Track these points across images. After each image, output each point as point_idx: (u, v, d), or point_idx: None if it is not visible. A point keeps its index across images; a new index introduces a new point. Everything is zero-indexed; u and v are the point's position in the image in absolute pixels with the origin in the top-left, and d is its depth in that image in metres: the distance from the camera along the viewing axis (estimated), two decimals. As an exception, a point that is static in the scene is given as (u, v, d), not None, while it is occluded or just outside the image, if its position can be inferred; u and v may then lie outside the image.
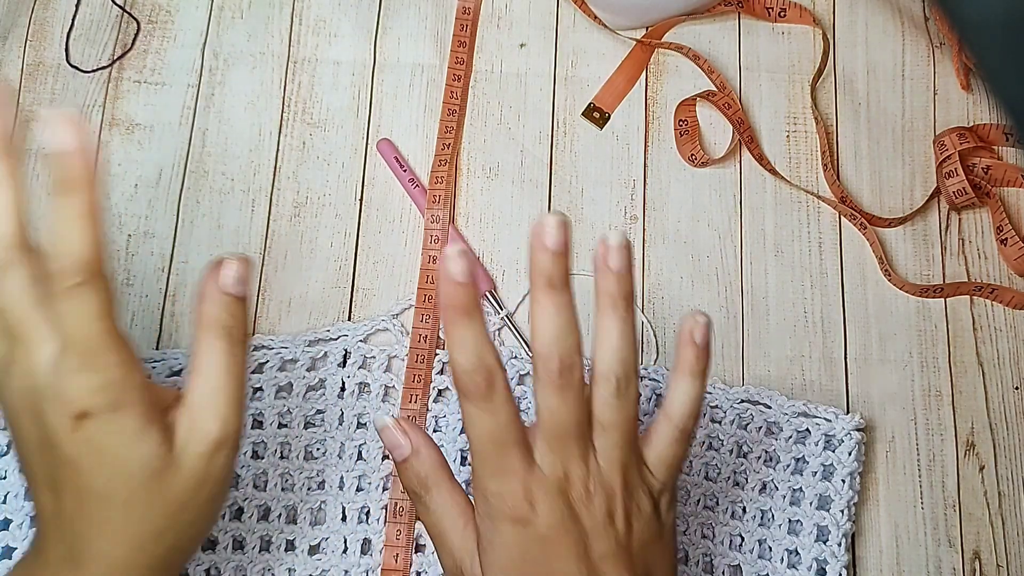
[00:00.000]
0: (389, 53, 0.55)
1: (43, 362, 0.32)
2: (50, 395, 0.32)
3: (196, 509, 0.34)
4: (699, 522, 0.46)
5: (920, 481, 0.49)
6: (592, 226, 0.52)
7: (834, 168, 0.53)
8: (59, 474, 0.33)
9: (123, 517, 0.33)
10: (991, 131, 0.54)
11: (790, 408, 0.47)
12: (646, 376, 0.48)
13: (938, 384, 0.50)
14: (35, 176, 0.52)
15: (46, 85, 0.53)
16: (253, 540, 0.45)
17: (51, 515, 0.34)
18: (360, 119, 0.54)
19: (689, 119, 0.54)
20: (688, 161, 0.53)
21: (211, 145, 0.53)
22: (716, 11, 0.56)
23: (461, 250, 0.33)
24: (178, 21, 0.55)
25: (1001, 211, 0.52)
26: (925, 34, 0.57)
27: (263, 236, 0.51)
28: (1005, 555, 0.48)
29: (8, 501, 0.44)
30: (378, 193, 0.52)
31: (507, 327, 0.49)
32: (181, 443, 0.33)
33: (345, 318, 0.50)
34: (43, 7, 0.55)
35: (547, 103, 0.54)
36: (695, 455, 0.47)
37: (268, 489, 0.46)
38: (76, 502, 0.33)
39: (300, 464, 0.46)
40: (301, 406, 0.47)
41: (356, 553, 0.45)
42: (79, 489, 0.33)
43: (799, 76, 0.55)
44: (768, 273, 0.52)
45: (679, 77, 0.55)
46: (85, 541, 0.33)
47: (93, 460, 0.32)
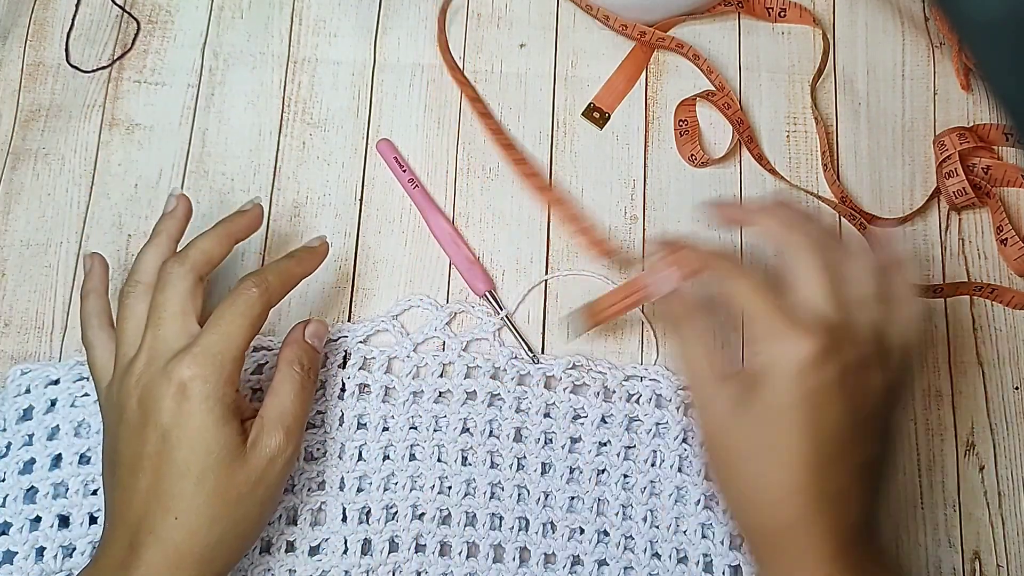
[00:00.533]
0: (389, 53, 0.55)
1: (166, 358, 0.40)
2: (162, 377, 0.39)
3: (250, 505, 0.40)
4: (699, 522, 0.46)
5: (920, 481, 0.49)
6: (592, 226, 0.52)
7: (834, 168, 0.53)
8: (146, 451, 0.39)
9: (192, 491, 0.39)
10: (991, 131, 0.54)
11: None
12: (646, 376, 0.48)
13: (938, 384, 0.50)
14: (35, 176, 0.52)
15: (46, 85, 0.53)
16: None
17: (123, 502, 0.39)
18: (360, 119, 0.54)
19: (689, 119, 0.54)
20: (688, 161, 0.53)
21: (211, 145, 0.53)
22: (716, 11, 0.56)
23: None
24: (178, 21, 0.55)
25: (1001, 211, 0.52)
26: (925, 34, 0.57)
27: (263, 236, 0.51)
28: (1005, 555, 0.48)
29: (7, 504, 0.44)
30: (378, 193, 0.52)
31: (507, 327, 0.49)
32: (251, 443, 0.40)
33: (345, 318, 0.50)
34: (43, 7, 0.55)
35: (547, 103, 0.54)
36: (695, 455, 0.47)
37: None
38: (154, 478, 0.39)
39: (300, 465, 0.46)
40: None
41: (356, 554, 0.45)
42: (161, 463, 0.39)
43: (799, 76, 0.55)
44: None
45: (679, 77, 0.55)
46: (149, 521, 0.38)
47: (182, 432, 0.39)
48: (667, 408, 0.48)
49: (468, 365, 0.48)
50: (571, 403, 0.48)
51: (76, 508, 0.45)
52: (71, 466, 0.45)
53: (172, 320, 0.41)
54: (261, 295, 0.41)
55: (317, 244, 0.45)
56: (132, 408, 0.40)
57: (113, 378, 0.41)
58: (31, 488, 0.45)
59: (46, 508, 0.44)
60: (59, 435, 0.45)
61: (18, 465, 0.45)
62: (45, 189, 0.51)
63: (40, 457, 0.45)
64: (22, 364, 0.47)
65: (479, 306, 0.50)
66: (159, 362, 0.40)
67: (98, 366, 0.43)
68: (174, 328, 0.41)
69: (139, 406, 0.39)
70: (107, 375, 0.42)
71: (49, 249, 0.50)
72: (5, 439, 0.45)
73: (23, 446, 0.45)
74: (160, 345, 0.40)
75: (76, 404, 0.46)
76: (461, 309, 0.50)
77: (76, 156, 0.52)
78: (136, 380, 0.40)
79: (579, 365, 0.48)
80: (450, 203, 0.52)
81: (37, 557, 0.44)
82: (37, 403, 0.46)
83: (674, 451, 0.47)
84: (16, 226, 0.51)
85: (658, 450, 0.47)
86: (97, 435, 0.45)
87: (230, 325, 0.40)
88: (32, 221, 0.51)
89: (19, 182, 0.51)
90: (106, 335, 0.43)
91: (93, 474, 0.45)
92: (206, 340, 0.40)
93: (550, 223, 0.52)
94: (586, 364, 0.49)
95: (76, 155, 0.52)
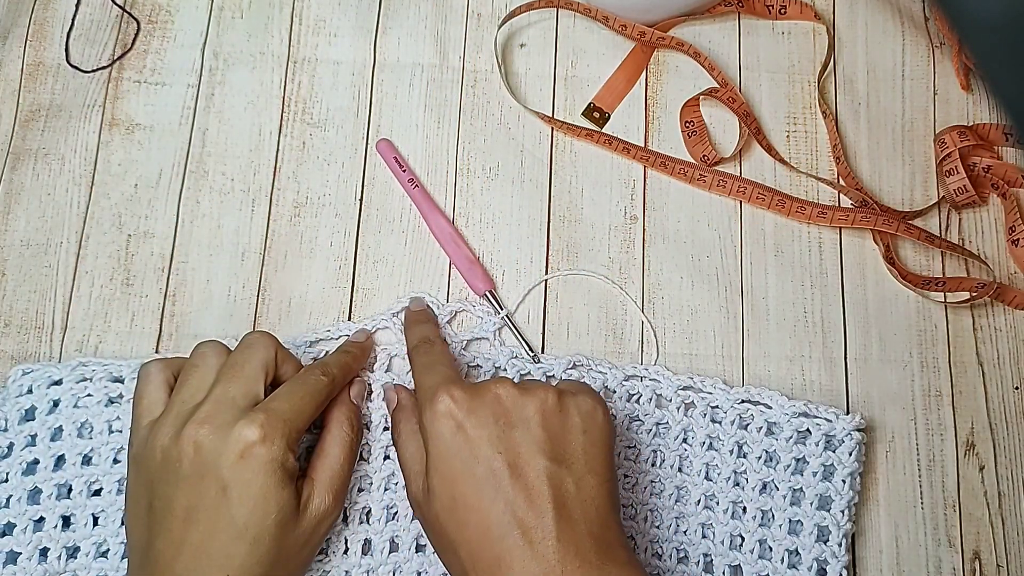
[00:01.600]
0: (389, 53, 0.55)
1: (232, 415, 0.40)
2: (229, 433, 0.39)
3: (295, 565, 0.41)
4: (699, 522, 0.46)
5: (920, 481, 0.49)
6: (592, 226, 0.52)
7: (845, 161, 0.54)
8: (203, 503, 0.39)
9: (247, 552, 0.39)
10: (991, 131, 0.54)
11: (790, 408, 0.47)
12: (646, 376, 0.48)
13: (938, 384, 0.50)
14: (35, 176, 0.52)
15: (46, 85, 0.53)
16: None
17: (169, 551, 0.39)
18: (360, 119, 0.54)
19: (695, 119, 0.54)
20: (701, 161, 0.53)
21: (211, 145, 0.53)
22: (716, 11, 0.56)
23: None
24: (178, 21, 0.55)
25: (1015, 211, 0.52)
26: (925, 34, 0.57)
27: (263, 236, 0.51)
28: (1005, 555, 0.48)
29: (11, 505, 0.44)
30: (378, 193, 0.52)
31: (507, 326, 0.49)
32: (302, 506, 0.41)
33: (345, 318, 0.50)
34: (43, 7, 0.55)
35: (547, 103, 0.54)
36: (695, 455, 0.47)
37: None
38: (209, 532, 0.39)
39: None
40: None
41: (357, 554, 0.45)
42: (219, 518, 0.39)
43: (799, 76, 0.55)
44: (768, 273, 0.52)
45: (679, 77, 0.55)
46: (198, 575, 0.38)
47: (243, 492, 0.39)
48: (667, 408, 0.48)
49: (469, 364, 0.48)
50: (571, 403, 0.48)
51: (80, 509, 0.45)
52: (74, 467, 0.45)
53: (246, 381, 0.41)
54: (328, 384, 0.43)
55: (364, 339, 0.48)
56: (189, 456, 0.39)
57: (165, 417, 0.41)
58: (35, 489, 0.45)
59: (50, 509, 0.44)
60: (62, 436, 0.45)
61: (22, 466, 0.45)
62: (45, 189, 0.51)
63: (44, 458, 0.45)
64: (23, 364, 0.47)
65: (479, 306, 0.50)
66: (224, 416, 0.40)
67: (148, 400, 0.42)
68: (244, 389, 0.41)
69: (197, 455, 0.39)
70: (155, 411, 0.42)
71: (49, 249, 0.50)
72: (7, 439, 0.45)
73: (26, 447, 0.45)
74: (227, 400, 0.40)
75: (79, 405, 0.46)
76: (462, 308, 0.50)
77: (76, 156, 0.52)
78: (196, 428, 0.39)
79: (579, 365, 0.48)
80: (450, 203, 0.52)
81: (40, 558, 0.44)
82: (39, 403, 0.46)
83: (674, 451, 0.47)
84: (16, 226, 0.51)
85: (658, 450, 0.47)
86: (101, 436, 0.45)
87: (300, 400, 0.41)
88: (32, 221, 0.51)
89: (19, 182, 0.51)
90: (170, 373, 0.43)
91: (96, 475, 0.45)
92: (277, 406, 0.40)
93: (550, 223, 0.52)
94: (586, 364, 0.49)
95: (76, 155, 0.52)
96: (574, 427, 0.40)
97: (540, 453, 0.39)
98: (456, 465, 0.39)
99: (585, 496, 0.39)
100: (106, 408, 0.46)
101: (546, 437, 0.39)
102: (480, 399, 0.40)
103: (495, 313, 0.49)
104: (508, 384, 0.40)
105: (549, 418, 0.39)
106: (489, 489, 0.38)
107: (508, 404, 0.40)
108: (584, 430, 0.40)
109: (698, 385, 0.48)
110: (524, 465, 0.39)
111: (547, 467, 0.38)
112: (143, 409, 0.42)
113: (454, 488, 0.39)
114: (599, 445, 0.40)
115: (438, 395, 0.40)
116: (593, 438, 0.40)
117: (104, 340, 0.49)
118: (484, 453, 0.39)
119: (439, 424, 0.40)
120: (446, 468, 0.39)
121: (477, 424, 0.39)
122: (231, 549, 0.39)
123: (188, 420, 0.40)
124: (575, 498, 0.38)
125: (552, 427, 0.39)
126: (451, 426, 0.39)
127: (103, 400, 0.46)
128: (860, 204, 0.53)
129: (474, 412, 0.39)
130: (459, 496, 0.39)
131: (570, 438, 0.40)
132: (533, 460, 0.39)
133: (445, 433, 0.39)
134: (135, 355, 0.48)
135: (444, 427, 0.39)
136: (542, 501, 0.38)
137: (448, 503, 0.39)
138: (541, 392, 0.40)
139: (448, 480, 0.39)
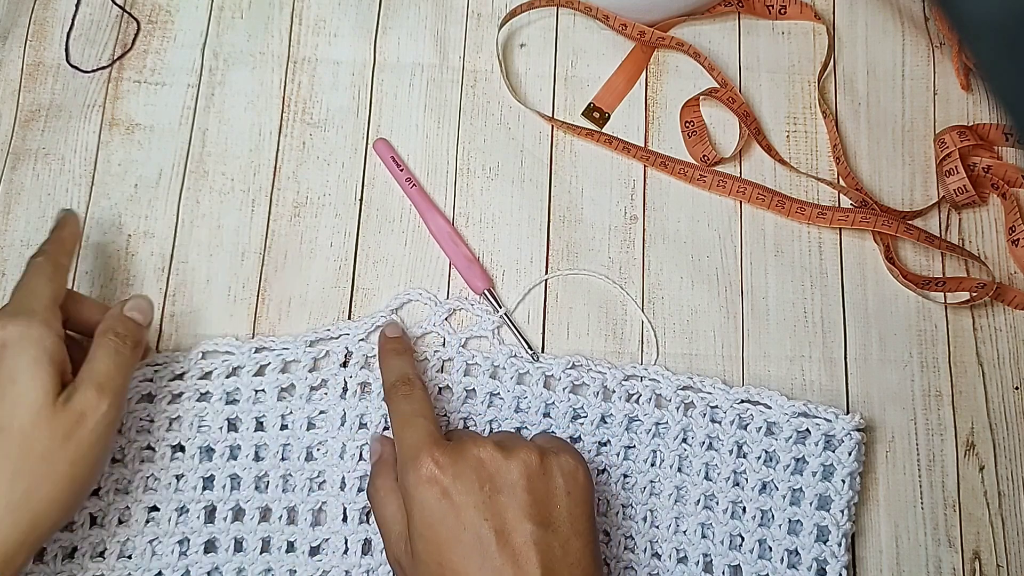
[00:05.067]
0: (389, 53, 0.55)
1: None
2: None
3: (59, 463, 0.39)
4: (699, 522, 0.46)
5: (920, 481, 0.49)
6: (592, 226, 0.52)
7: (845, 161, 0.54)
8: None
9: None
10: (991, 131, 0.54)
11: (790, 408, 0.47)
12: (646, 376, 0.48)
13: (938, 384, 0.50)
14: (35, 176, 0.52)
15: (46, 85, 0.53)
16: (254, 542, 0.45)
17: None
18: (360, 119, 0.54)
19: (695, 120, 0.54)
20: (701, 161, 0.53)
21: (211, 145, 0.53)
22: (716, 11, 0.56)
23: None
24: (178, 21, 0.55)
25: (1015, 211, 0.52)
26: (925, 34, 0.57)
27: (263, 236, 0.51)
28: (1005, 555, 0.48)
29: None
30: (378, 193, 0.52)
31: (506, 325, 0.49)
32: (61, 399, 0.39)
33: (345, 318, 0.50)
34: (43, 7, 0.55)
35: (547, 103, 0.54)
36: (694, 455, 0.47)
37: (269, 491, 0.46)
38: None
39: (301, 465, 0.46)
40: (303, 407, 0.47)
41: (357, 554, 0.45)
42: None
43: (799, 76, 0.55)
44: (768, 273, 0.52)
45: (679, 77, 0.55)
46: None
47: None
48: (667, 408, 0.48)
49: (467, 362, 0.48)
50: (571, 403, 0.48)
51: (77, 508, 0.45)
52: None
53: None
54: (46, 262, 0.43)
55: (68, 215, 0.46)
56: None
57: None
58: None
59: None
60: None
61: None
62: (45, 189, 0.51)
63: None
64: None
65: (479, 304, 0.50)
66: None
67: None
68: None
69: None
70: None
71: (49, 249, 0.50)
72: None
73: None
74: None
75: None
76: (460, 306, 0.50)
77: (76, 156, 0.52)
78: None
79: (579, 365, 0.49)
80: (450, 203, 0.52)
81: (38, 557, 0.44)
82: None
83: (674, 451, 0.47)
84: (16, 226, 0.51)
85: (658, 450, 0.47)
86: None
87: (32, 282, 0.42)
88: (32, 221, 0.51)
89: (19, 182, 0.51)
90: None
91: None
92: (14, 298, 0.41)
93: (550, 223, 0.52)
94: (586, 364, 0.49)
95: (76, 155, 0.52)
96: (558, 489, 0.40)
97: (526, 518, 0.38)
98: (442, 532, 0.39)
99: (572, 559, 0.39)
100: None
101: (531, 501, 0.39)
102: (464, 463, 0.39)
103: (494, 312, 0.49)
104: (490, 446, 0.40)
105: (534, 481, 0.39)
106: (476, 556, 0.38)
107: (492, 469, 0.39)
108: (568, 491, 0.40)
109: (698, 385, 0.48)
110: (511, 531, 0.38)
111: (534, 532, 0.38)
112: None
113: (440, 555, 0.38)
114: (582, 505, 0.40)
115: (421, 459, 0.39)
116: (576, 499, 0.40)
117: (104, 340, 0.49)
118: (471, 520, 0.38)
119: (423, 490, 0.39)
120: (431, 534, 0.39)
121: (463, 490, 0.39)
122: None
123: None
124: (562, 562, 0.38)
125: (537, 491, 0.39)
126: (436, 492, 0.39)
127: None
128: (860, 204, 0.53)
129: (459, 477, 0.39)
130: (446, 563, 0.38)
131: (555, 501, 0.39)
132: (520, 526, 0.38)
133: (430, 499, 0.39)
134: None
135: (428, 494, 0.39)
136: (530, 567, 0.38)
137: (435, 569, 0.39)
138: (524, 454, 0.40)
139: (434, 546, 0.39)
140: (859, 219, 0.51)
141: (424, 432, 0.41)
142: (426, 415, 0.42)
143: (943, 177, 0.52)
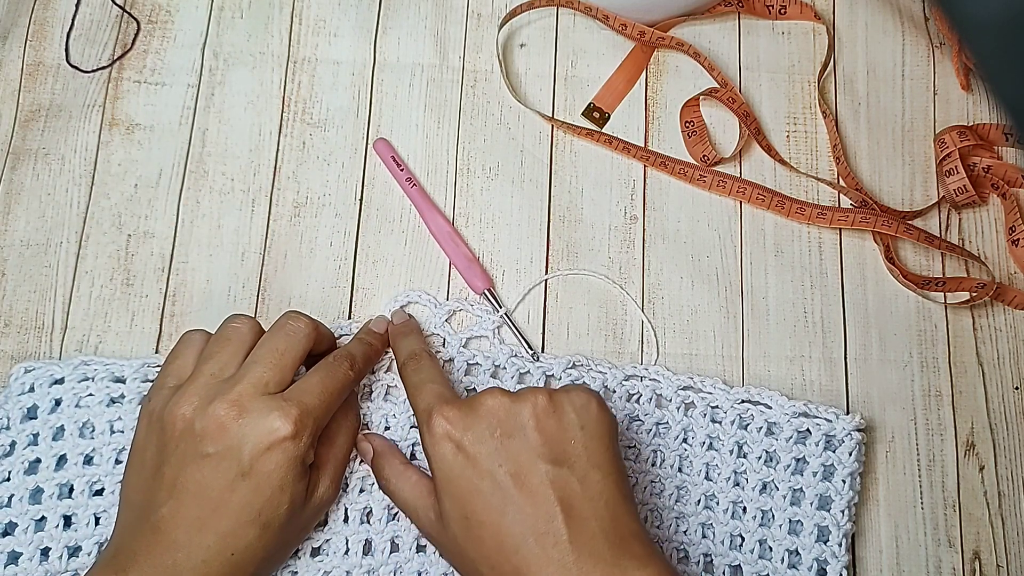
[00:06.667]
0: (389, 53, 0.55)
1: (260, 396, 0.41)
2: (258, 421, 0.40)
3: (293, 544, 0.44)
4: (699, 522, 0.46)
5: (920, 481, 0.49)
6: (592, 226, 0.52)
7: (845, 161, 0.54)
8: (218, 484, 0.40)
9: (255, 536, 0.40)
10: (991, 131, 0.54)
11: (790, 408, 0.47)
12: (646, 376, 0.48)
13: (938, 384, 0.50)
14: (35, 176, 0.52)
15: (46, 85, 0.53)
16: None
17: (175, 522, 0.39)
18: (360, 119, 0.54)
19: (695, 120, 0.54)
20: (701, 161, 0.53)
21: (211, 145, 0.53)
22: (716, 11, 0.56)
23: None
24: (178, 21, 0.55)
25: (1015, 211, 0.52)
26: (925, 34, 0.57)
27: (263, 236, 0.51)
28: (1005, 555, 0.48)
29: (13, 504, 0.44)
30: (378, 193, 0.52)
31: (506, 325, 0.49)
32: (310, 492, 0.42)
33: (345, 318, 0.50)
34: (43, 7, 0.55)
35: (547, 103, 0.54)
36: (695, 455, 0.47)
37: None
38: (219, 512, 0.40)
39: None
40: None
41: (358, 554, 0.45)
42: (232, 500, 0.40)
43: (799, 76, 0.55)
44: (768, 273, 0.52)
45: (679, 77, 0.55)
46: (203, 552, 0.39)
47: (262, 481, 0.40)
48: (667, 408, 0.48)
49: (468, 362, 0.48)
50: (571, 403, 0.48)
51: (81, 508, 0.45)
52: (76, 467, 0.45)
53: (282, 370, 0.41)
54: (354, 379, 0.44)
55: (384, 328, 0.48)
56: (212, 434, 0.40)
57: (191, 384, 0.41)
58: (37, 489, 0.45)
59: (51, 508, 0.44)
60: (64, 436, 0.45)
61: (24, 465, 0.45)
62: (45, 189, 0.51)
63: (46, 458, 0.45)
64: (25, 362, 0.47)
65: (479, 304, 0.50)
66: (256, 403, 0.40)
67: (180, 361, 0.43)
68: (279, 376, 0.41)
69: (221, 435, 0.40)
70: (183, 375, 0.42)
71: (49, 249, 0.50)
72: (9, 437, 0.45)
73: (28, 446, 0.45)
74: (260, 385, 0.41)
75: (81, 405, 0.46)
76: (460, 307, 0.50)
77: (76, 156, 0.52)
78: (226, 409, 0.40)
79: (579, 364, 0.48)
80: (450, 203, 0.52)
81: (42, 557, 0.44)
82: (41, 402, 0.46)
83: (674, 451, 0.47)
84: (16, 226, 0.51)
85: (658, 450, 0.47)
86: (102, 436, 0.45)
87: (330, 396, 0.42)
88: (32, 221, 0.51)
89: (19, 182, 0.51)
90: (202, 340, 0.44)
91: (98, 475, 0.45)
92: (309, 401, 0.41)
93: (550, 223, 0.52)
94: (586, 363, 0.49)
95: (76, 155, 0.52)
96: (570, 425, 0.40)
97: (540, 458, 0.39)
98: (463, 484, 0.39)
99: (592, 493, 0.39)
100: (108, 408, 0.46)
101: (543, 440, 0.39)
102: (474, 414, 0.40)
103: (494, 312, 0.49)
104: (499, 393, 0.40)
105: (543, 420, 0.39)
106: (497, 502, 0.38)
107: (502, 414, 0.40)
108: (581, 426, 0.40)
109: (698, 385, 0.48)
110: (527, 473, 0.39)
111: (549, 471, 0.38)
112: (172, 369, 0.43)
113: (465, 507, 0.39)
114: (598, 439, 0.40)
115: (433, 417, 0.40)
116: (591, 432, 0.40)
117: (104, 340, 0.49)
118: (487, 468, 0.39)
119: (439, 447, 0.40)
120: (453, 489, 0.39)
121: (475, 440, 0.39)
122: (241, 532, 0.39)
123: (217, 396, 0.40)
124: (581, 497, 0.38)
125: (548, 429, 0.39)
126: (451, 447, 0.39)
127: (105, 400, 0.46)
128: (860, 204, 0.53)
129: (470, 428, 0.39)
130: (471, 514, 0.39)
131: (568, 436, 0.39)
132: (534, 467, 0.39)
133: (447, 454, 0.39)
134: (135, 355, 0.48)
135: (445, 449, 0.40)
136: (549, 506, 0.38)
137: (462, 523, 0.39)
138: (532, 396, 0.40)
139: (458, 500, 0.39)
140: (859, 219, 0.51)
141: (433, 395, 0.42)
142: (435, 380, 0.43)
143: (943, 177, 0.52)
